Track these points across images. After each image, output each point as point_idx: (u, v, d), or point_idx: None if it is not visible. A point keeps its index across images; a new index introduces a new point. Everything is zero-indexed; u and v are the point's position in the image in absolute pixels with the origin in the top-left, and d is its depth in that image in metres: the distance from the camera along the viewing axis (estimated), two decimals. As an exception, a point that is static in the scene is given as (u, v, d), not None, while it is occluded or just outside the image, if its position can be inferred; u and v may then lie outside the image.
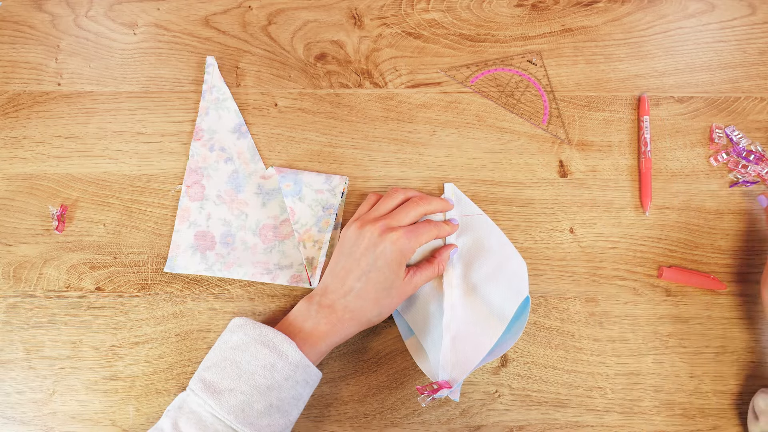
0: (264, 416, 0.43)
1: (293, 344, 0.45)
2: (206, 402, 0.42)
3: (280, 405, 0.44)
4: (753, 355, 0.53)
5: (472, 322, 0.50)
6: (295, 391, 0.45)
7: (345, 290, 0.48)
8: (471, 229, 0.55)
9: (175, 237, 0.55)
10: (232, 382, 0.43)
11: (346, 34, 0.63)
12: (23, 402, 0.52)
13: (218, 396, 0.42)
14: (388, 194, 0.53)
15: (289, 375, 0.44)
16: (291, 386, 0.44)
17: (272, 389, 0.43)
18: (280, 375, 0.44)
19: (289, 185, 0.55)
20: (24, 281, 0.55)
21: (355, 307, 0.48)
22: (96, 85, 0.61)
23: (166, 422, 0.43)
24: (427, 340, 0.51)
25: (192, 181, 0.57)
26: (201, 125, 0.59)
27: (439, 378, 0.47)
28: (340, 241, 0.51)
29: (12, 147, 0.59)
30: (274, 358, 0.44)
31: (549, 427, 0.52)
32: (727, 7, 0.63)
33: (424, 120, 0.60)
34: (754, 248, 0.56)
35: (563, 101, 0.60)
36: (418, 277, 0.50)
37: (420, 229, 0.50)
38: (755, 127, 0.59)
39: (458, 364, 0.48)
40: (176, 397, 0.45)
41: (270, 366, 0.44)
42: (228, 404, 0.42)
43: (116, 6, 0.63)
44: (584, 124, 0.59)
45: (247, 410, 0.42)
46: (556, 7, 0.63)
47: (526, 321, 0.51)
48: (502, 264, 0.52)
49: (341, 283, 0.48)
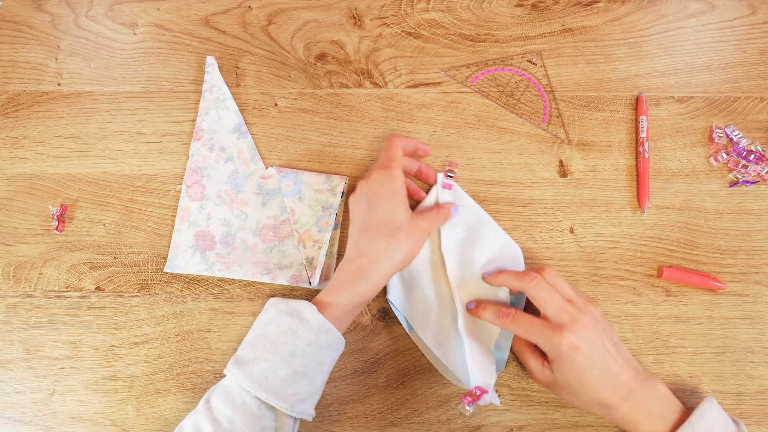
0: (288, 384, 0.43)
1: (313, 308, 0.45)
2: (234, 374, 0.43)
3: (304, 372, 0.44)
4: (753, 355, 0.53)
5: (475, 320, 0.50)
6: (319, 356, 0.45)
7: (354, 239, 0.49)
8: (465, 221, 0.54)
9: (175, 237, 0.55)
10: (257, 352, 0.44)
11: (346, 34, 0.63)
12: (23, 402, 0.52)
13: (243, 367, 0.43)
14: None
15: (312, 340, 0.44)
16: (314, 351, 0.44)
17: (295, 355, 0.43)
18: (302, 340, 0.44)
19: (288, 185, 0.55)
20: (24, 281, 0.55)
21: (367, 248, 0.48)
22: (96, 85, 0.61)
23: (202, 401, 0.44)
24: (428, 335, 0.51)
25: (192, 181, 0.57)
26: (201, 125, 0.59)
27: (470, 384, 0.47)
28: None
29: (12, 147, 0.59)
30: (295, 323, 0.44)
31: (549, 427, 0.52)
32: (727, 7, 0.63)
33: (424, 120, 0.60)
34: (754, 248, 0.56)
35: (563, 101, 0.60)
36: (423, 220, 0.50)
37: (392, 162, 0.51)
38: (755, 127, 0.59)
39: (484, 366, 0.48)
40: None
41: (291, 332, 0.44)
42: (252, 373, 0.42)
43: (116, 6, 0.63)
44: (584, 124, 0.59)
45: (270, 378, 0.42)
46: (556, 7, 0.63)
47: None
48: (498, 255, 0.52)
49: (350, 236, 0.50)
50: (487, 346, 0.49)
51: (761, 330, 0.54)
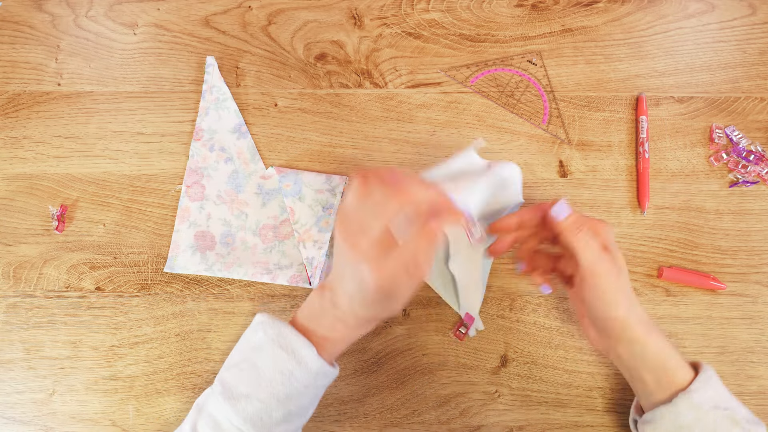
0: (282, 423, 0.42)
1: (313, 350, 0.42)
2: (223, 407, 0.41)
3: (298, 411, 0.43)
4: (753, 355, 0.53)
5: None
6: (314, 395, 0.44)
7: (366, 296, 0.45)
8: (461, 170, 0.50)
9: (175, 237, 0.55)
10: (250, 387, 0.41)
11: (346, 34, 0.63)
12: (23, 402, 0.52)
13: (235, 403, 0.41)
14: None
15: (309, 383, 0.42)
16: (311, 393, 0.43)
17: (291, 398, 0.42)
18: (300, 383, 0.42)
19: (289, 185, 0.55)
20: (24, 281, 0.55)
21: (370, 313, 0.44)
22: (96, 85, 0.61)
23: (187, 424, 0.42)
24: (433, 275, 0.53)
25: (192, 181, 0.57)
26: (201, 125, 0.59)
27: (462, 311, 0.52)
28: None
29: (12, 147, 0.59)
30: (293, 365, 0.42)
31: (549, 427, 0.52)
32: (727, 7, 0.63)
33: (424, 120, 0.60)
34: (754, 248, 0.56)
35: (563, 101, 0.60)
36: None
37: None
38: (755, 127, 0.59)
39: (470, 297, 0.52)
40: (203, 392, 0.44)
41: (289, 373, 0.42)
42: (245, 412, 0.41)
43: (116, 6, 0.63)
44: (584, 124, 0.59)
45: (265, 419, 0.41)
46: (556, 7, 0.63)
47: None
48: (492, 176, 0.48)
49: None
50: (474, 281, 0.52)
51: (761, 330, 0.54)
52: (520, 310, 0.54)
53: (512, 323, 0.54)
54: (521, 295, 0.54)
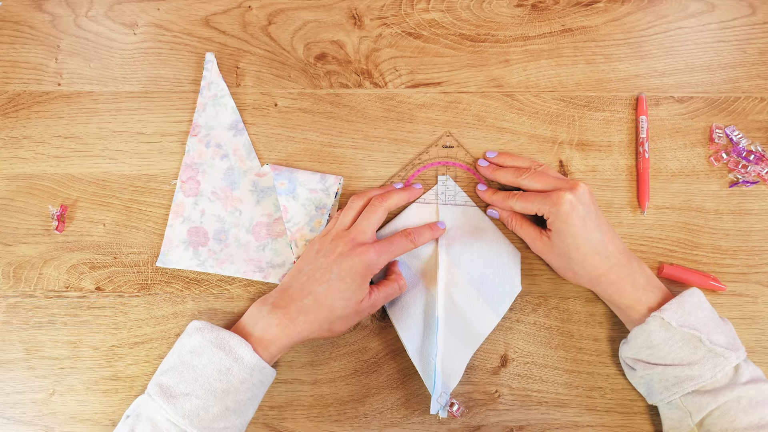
0: (220, 419, 0.43)
1: (249, 347, 0.45)
2: (162, 407, 0.42)
3: (236, 407, 0.44)
4: (753, 355, 0.53)
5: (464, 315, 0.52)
6: (251, 393, 0.45)
7: (304, 294, 0.48)
8: (463, 219, 0.55)
9: (168, 232, 0.55)
10: (188, 386, 0.43)
11: (346, 34, 0.63)
12: (23, 402, 0.52)
13: (174, 401, 0.42)
14: (347, 205, 0.53)
15: (245, 378, 0.44)
16: (247, 389, 0.45)
17: (228, 393, 0.44)
18: (236, 378, 0.44)
19: (283, 183, 0.55)
20: (24, 281, 0.55)
21: (310, 310, 0.47)
22: (96, 85, 0.61)
23: (124, 429, 0.43)
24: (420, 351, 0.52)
25: (187, 176, 0.57)
26: (198, 121, 0.59)
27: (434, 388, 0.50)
28: (307, 250, 0.52)
29: (12, 147, 0.59)
30: (229, 361, 0.44)
31: (549, 427, 0.52)
32: (727, 7, 0.63)
33: (424, 120, 0.60)
34: (754, 248, 0.56)
35: (563, 101, 0.60)
36: (377, 294, 0.50)
37: (392, 246, 0.50)
38: (755, 127, 0.59)
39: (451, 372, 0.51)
40: (134, 400, 0.45)
41: (226, 370, 0.44)
42: (183, 409, 0.42)
43: (116, 6, 0.63)
44: (584, 124, 0.59)
45: (203, 414, 0.42)
46: (556, 7, 0.63)
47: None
48: (495, 257, 0.54)
49: (301, 287, 0.48)
50: (478, 336, 0.52)
51: (761, 330, 0.54)
52: (520, 310, 0.54)
53: (512, 323, 0.54)
54: (521, 295, 0.54)
